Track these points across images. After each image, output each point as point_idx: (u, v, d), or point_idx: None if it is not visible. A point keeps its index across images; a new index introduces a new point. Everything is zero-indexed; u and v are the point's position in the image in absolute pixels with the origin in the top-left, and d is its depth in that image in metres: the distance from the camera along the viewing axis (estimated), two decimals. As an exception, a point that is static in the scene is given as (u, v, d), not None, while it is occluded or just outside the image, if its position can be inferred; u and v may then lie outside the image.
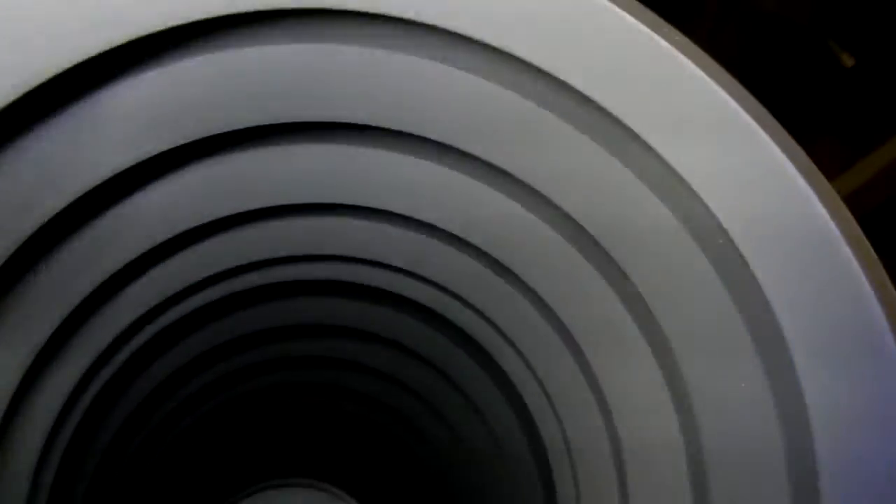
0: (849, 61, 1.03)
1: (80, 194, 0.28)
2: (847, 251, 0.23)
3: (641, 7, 0.23)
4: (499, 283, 0.35)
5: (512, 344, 0.37)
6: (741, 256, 0.25)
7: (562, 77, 0.23)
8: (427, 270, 0.37)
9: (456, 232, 0.33)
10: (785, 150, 0.23)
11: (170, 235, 0.33)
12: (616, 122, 0.24)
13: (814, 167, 0.23)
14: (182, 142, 0.30)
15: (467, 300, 0.37)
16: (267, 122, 0.30)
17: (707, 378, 0.27)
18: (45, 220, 0.27)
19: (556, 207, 0.28)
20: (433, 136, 0.29)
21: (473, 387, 0.44)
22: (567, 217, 0.28)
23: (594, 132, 0.25)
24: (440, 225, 0.33)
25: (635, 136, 0.24)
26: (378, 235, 0.36)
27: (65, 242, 0.30)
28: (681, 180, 0.24)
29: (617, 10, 0.22)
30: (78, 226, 0.30)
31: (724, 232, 0.25)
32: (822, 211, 0.23)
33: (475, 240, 0.33)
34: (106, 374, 0.37)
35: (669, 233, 0.25)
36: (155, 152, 0.29)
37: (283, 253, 0.38)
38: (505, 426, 0.42)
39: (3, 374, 0.30)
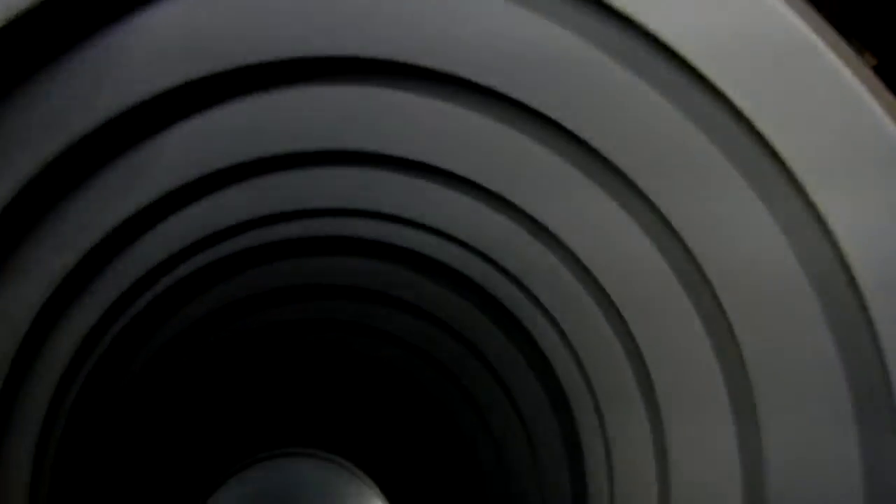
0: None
1: (109, 117, 0.25)
2: None
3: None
4: (591, 308, 0.32)
5: (581, 366, 0.34)
6: (864, 311, 0.22)
7: (743, 108, 0.20)
8: (507, 264, 0.34)
9: (562, 240, 0.30)
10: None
11: (185, 181, 0.30)
12: (774, 156, 0.21)
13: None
14: (212, 72, 0.27)
15: (567, 334, 0.34)
16: (308, 55, 0.28)
17: (792, 443, 0.25)
18: (74, 140, 0.24)
19: (677, 235, 0.25)
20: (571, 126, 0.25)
21: (526, 401, 0.41)
22: (682, 244, 0.25)
23: (739, 162, 0.22)
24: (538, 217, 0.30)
25: (788, 174, 0.21)
26: (444, 200, 0.33)
27: (97, 173, 0.27)
28: (823, 225, 0.21)
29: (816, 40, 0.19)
30: (110, 157, 0.27)
31: (853, 281, 0.22)
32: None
33: (598, 273, 0.30)
34: (127, 316, 0.35)
35: (789, 281, 0.23)
36: (180, 83, 0.27)
37: (315, 205, 0.35)
38: (552, 454, 0.40)
39: (26, 297, 0.28)
